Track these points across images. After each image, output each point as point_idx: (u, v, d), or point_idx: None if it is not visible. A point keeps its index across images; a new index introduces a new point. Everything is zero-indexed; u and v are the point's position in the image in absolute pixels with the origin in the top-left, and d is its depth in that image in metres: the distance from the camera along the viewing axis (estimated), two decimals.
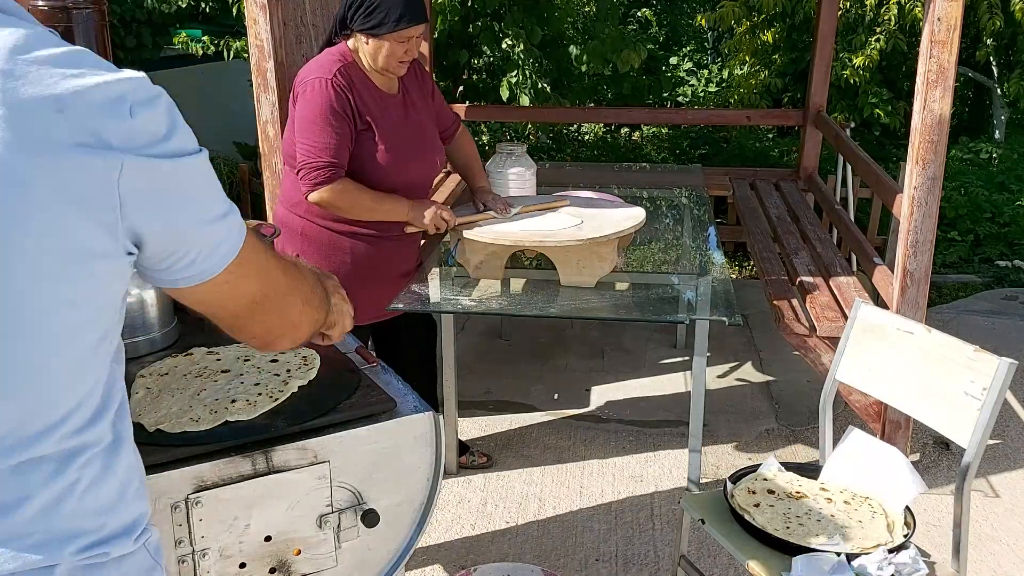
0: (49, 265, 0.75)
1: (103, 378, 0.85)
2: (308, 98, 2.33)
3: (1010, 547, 2.64)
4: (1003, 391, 1.77)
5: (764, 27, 7.01)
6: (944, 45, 2.62)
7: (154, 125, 0.79)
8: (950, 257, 5.76)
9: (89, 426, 0.83)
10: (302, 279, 1.07)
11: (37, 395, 0.78)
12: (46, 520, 0.80)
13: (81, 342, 0.81)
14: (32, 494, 0.79)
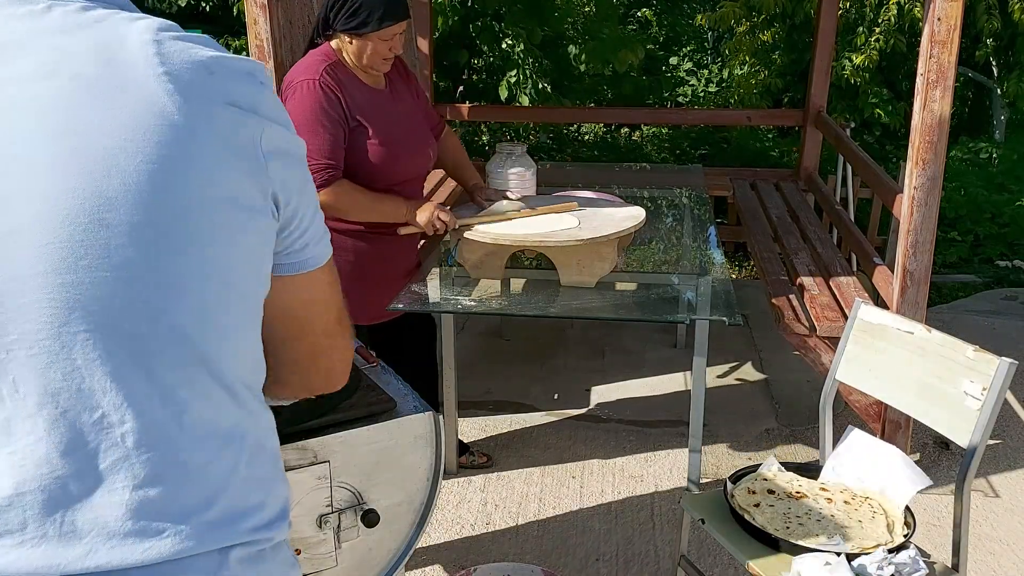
0: (219, 212, 0.76)
1: (259, 344, 0.85)
2: (297, 101, 2.32)
3: (1010, 547, 2.64)
4: (1003, 391, 1.77)
5: (764, 27, 7.01)
6: (944, 45, 2.63)
7: (277, 102, 0.84)
8: (950, 257, 5.77)
9: (250, 389, 0.82)
10: (345, 328, 0.99)
11: (220, 356, 0.78)
12: (222, 492, 0.76)
13: (250, 297, 0.82)
14: (213, 461, 0.76)
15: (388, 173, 2.45)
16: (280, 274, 0.85)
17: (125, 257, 0.71)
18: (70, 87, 0.73)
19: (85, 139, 0.71)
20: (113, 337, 0.71)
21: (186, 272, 0.73)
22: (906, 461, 1.96)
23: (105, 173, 0.71)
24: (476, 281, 2.59)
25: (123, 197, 0.71)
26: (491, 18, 6.06)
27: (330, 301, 0.93)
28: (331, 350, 0.96)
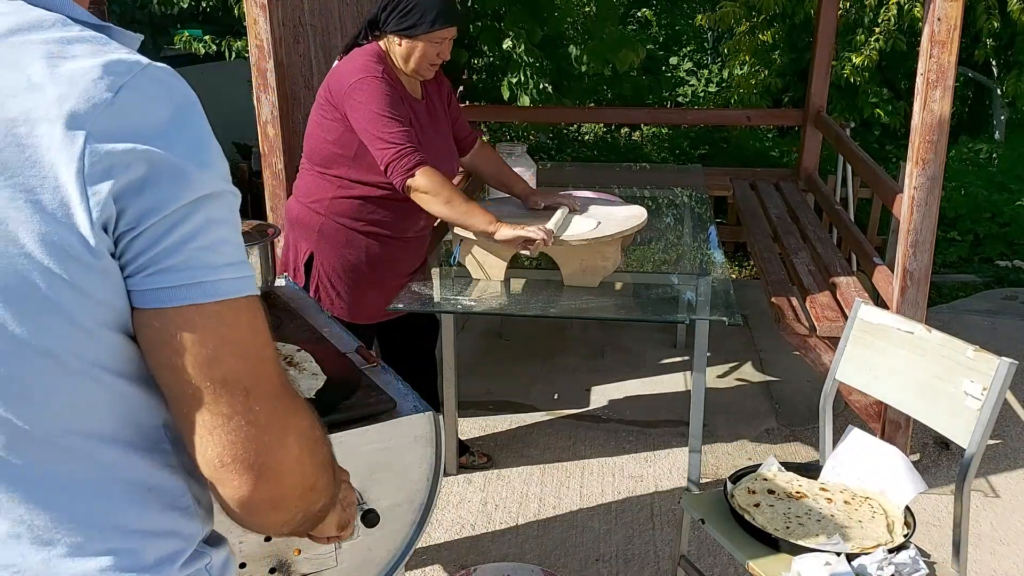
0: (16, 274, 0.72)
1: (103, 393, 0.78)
2: (367, 96, 2.29)
3: (1010, 547, 2.64)
4: (1003, 391, 1.77)
5: (764, 27, 7.01)
6: (944, 45, 2.63)
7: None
8: (950, 257, 5.77)
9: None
10: (300, 405, 0.83)
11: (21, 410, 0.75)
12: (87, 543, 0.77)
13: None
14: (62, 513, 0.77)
15: None
16: (135, 306, 0.73)
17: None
18: None
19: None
20: None
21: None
22: (906, 462, 1.96)
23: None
24: (476, 281, 2.59)
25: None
26: (491, 18, 6.06)
27: (208, 355, 0.73)
28: (217, 428, 0.75)
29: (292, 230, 2.54)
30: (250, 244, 1.86)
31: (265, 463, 0.77)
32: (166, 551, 0.79)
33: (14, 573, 0.72)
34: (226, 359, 0.74)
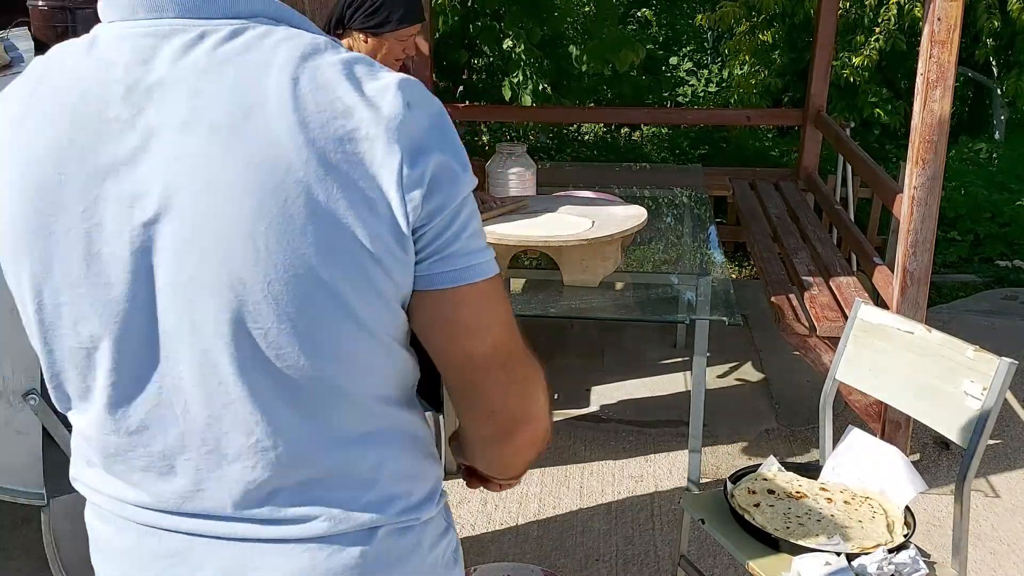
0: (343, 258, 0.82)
1: (396, 359, 0.91)
2: None
3: (1010, 547, 2.64)
4: (1003, 391, 1.77)
5: (764, 27, 7.01)
6: (944, 45, 2.62)
7: (422, 128, 0.86)
8: (950, 257, 5.76)
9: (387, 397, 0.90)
10: (536, 361, 0.93)
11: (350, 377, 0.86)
12: (372, 487, 0.87)
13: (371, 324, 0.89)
14: (361, 462, 0.87)
15: None
16: (418, 289, 0.85)
17: (262, 312, 0.79)
18: (206, 144, 0.77)
19: (219, 203, 0.77)
20: (259, 376, 0.81)
21: (313, 319, 0.80)
22: (906, 462, 1.96)
23: (242, 236, 0.77)
24: None
25: (256, 259, 0.78)
26: (491, 18, 6.06)
27: (477, 328, 0.86)
28: (490, 388, 0.88)
29: None
30: None
31: (531, 412, 0.91)
32: (427, 491, 0.92)
33: (318, 514, 0.85)
34: (494, 328, 0.87)
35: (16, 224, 0.81)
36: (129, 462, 0.86)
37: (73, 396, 0.87)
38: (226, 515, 0.85)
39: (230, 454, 0.83)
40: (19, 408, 1.18)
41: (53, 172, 0.79)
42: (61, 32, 1.69)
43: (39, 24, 1.68)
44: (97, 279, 0.80)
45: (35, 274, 0.82)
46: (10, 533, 2.63)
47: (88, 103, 0.79)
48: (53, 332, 0.84)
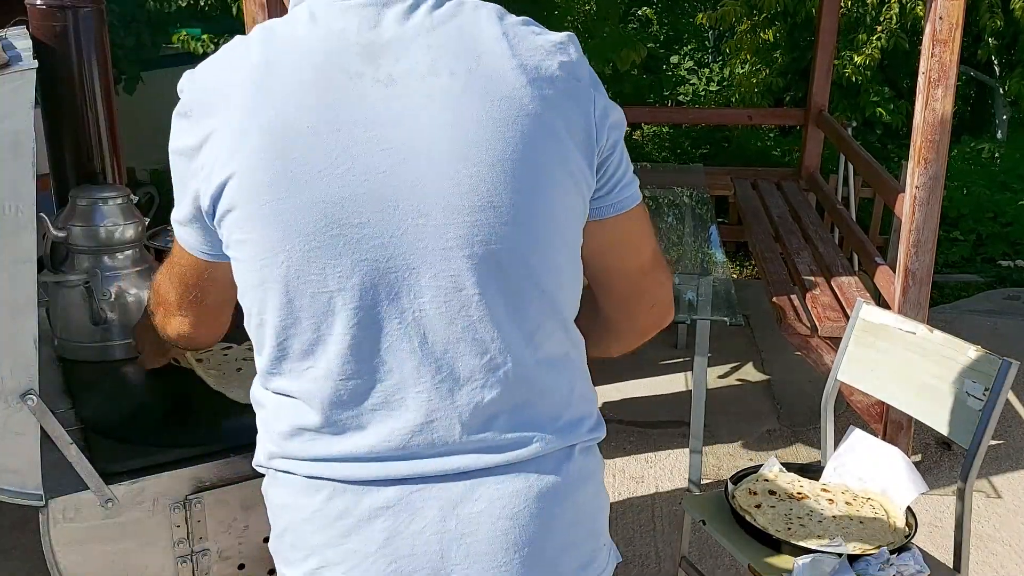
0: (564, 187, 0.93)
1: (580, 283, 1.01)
2: None
3: (1012, 548, 2.63)
4: (1005, 392, 1.76)
5: (765, 26, 6.99)
6: (946, 44, 2.62)
7: (591, 69, 0.99)
8: (952, 257, 5.75)
9: (572, 321, 0.99)
10: None
11: (560, 297, 0.95)
12: (568, 408, 0.97)
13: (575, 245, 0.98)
14: (561, 384, 0.96)
15: None
16: (592, 219, 0.97)
17: (507, 233, 0.88)
18: (449, 84, 0.87)
19: (469, 132, 0.87)
20: (497, 297, 0.89)
21: (546, 240, 0.91)
22: (907, 462, 1.95)
23: (490, 163, 0.87)
24: None
25: (504, 183, 0.87)
26: None
27: (641, 243, 1.03)
28: (651, 286, 1.07)
29: None
30: None
31: (672, 297, 1.12)
32: (598, 413, 1.03)
33: (531, 436, 0.94)
34: (650, 239, 1.05)
35: (270, 176, 0.86)
36: (360, 405, 0.90)
37: (297, 353, 0.90)
38: (452, 445, 0.91)
39: (462, 377, 0.90)
40: (17, 408, 1.17)
41: (307, 126, 0.86)
42: (60, 31, 1.68)
43: (37, 23, 1.68)
44: (349, 220, 0.86)
45: (287, 222, 0.86)
46: (8, 534, 2.62)
47: (332, 63, 0.87)
48: (298, 280, 0.87)
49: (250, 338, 0.95)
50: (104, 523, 1.23)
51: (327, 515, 0.92)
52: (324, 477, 0.92)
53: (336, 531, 0.92)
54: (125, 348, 1.62)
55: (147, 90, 6.08)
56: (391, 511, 0.90)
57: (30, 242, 1.14)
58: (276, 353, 0.91)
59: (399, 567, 0.91)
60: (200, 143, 0.89)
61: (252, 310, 0.92)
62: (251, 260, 0.89)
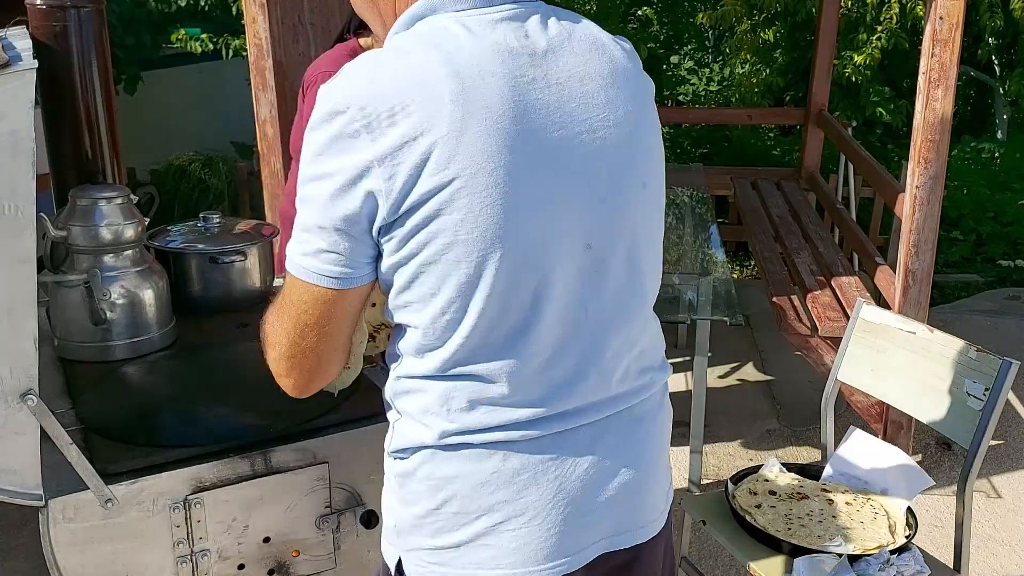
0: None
1: None
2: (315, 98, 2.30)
3: (1012, 548, 2.63)
4: (1005, 392, 1.76)
5: (765, 25, 6.99)
6: (946, 44, 2.62)
7: None
8: (952, 257, 5.75)
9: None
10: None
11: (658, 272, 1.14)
12: (661, 351, 1.17)
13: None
14: (657, 333, 1.16)
15: None
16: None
17: (650, 212, 1.07)
18: (601, 87, 1.01)
19: (626, 126, 1.02)
20: (640, 261, 1.07)
21: (661, 217, 1.11)
22: (908, 462, 1.95)
23: (643, 149, 1.04)
24: None
25: (652, 169, 1.07)
26: None
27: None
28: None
29: (283, 227, 2.55)
30: (249, 244, 1.85)
31: None
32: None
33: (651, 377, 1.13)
34: None
35: (497, 176, 0.93)
36: (549, 371, 1.01)
37: (499, 339, 0.99)
38: (601, 395, 1.05)
39: (615, 343, 1.06)
40: (17, 408, 1.17)
41: (515, 128, 0.94)
42: (59, 31, 1.68)
43: (37, 23, 1.68)
44: (560, 215, 0.98)
45: (510, 218, 0.94)
46: (8, 534, 2.62)
47: (510, 70, 0.95)
48: (517, 273, 0.96)
49: (412, 334, 1.00)
50: (104, 523, 1.23)
51: (505, 474, 1.02)
52: (500, 442, 1.01)
53: (515, 487, 1.02)
54: (125, 348, 1.62)
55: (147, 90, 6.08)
56: (557, 461, 1.03)
57: (30, 242, 1.14)
58: (471, 342, 0.98)
59: (573, 509, 1.04)
60: (388, 153, 0.91)
61: (443, 308, 0.97)
62: (455, 259, 0.94)
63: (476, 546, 1.04)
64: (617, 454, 1.08)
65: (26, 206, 1.12)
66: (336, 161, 0.93)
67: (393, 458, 1.08)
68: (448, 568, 1.05)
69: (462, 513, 1.03)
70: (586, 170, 0.99)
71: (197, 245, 1.83)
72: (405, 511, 1.07)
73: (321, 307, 0.99)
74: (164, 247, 1.82)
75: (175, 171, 6.17)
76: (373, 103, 0.92)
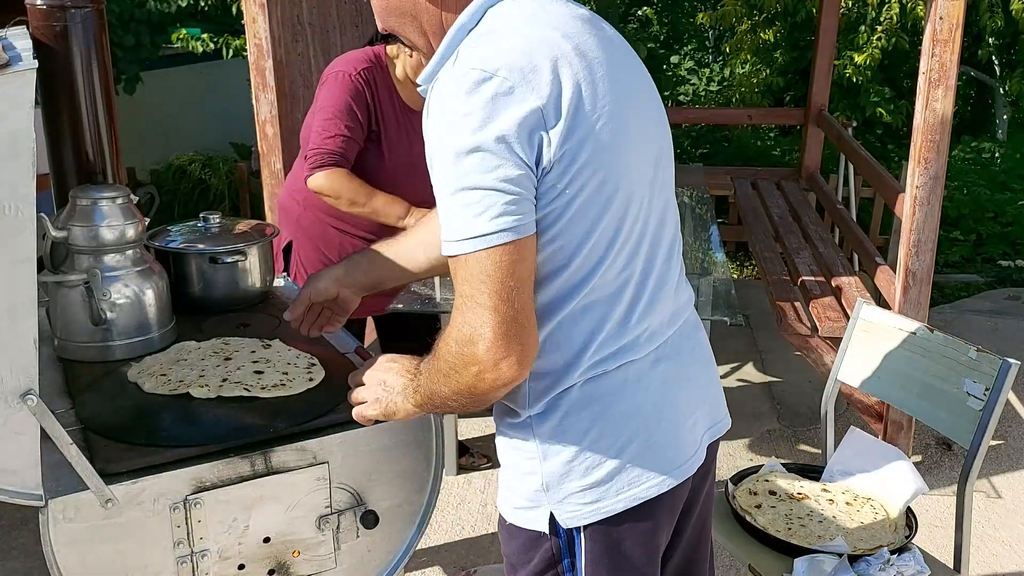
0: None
1: None
2: (329, 88, 2.30)
3: (1012, 548, 2.63)
4: (1005, 392, 1.76)
5: (765, 25, 6.99)
6: (946, 44, 2.62)
7: None
8: (952, 257, 5.75)
9: None
10: None
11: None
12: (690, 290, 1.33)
13: None
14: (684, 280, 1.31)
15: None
16: None
17: (671, 171, 1.23)
18: (625, 53, 1.17)
19: (656, 102, 1.20)
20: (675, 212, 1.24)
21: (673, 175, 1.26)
22: (908, 462, 1.95)
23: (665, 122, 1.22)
24: None
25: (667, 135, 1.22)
26: None
27: None
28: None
29: (279, 217, 2.56)
30: (249, 244, 1.85)
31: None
32: None
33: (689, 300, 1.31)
34: None
35: (623, 117, 1.09)
36: (646, 292, 1.16)
37: (623, 265, 1.13)
38: (675, 308, 1.23)
39: (672, 261, 1.22)
40: (17, 408, 1.17)
41: (622, 80, 1.11)
42: (60, 31, 1.68)
43: (37, 23, 1.68)
44: (658, 157, 1.17)
45: (635, 155, 1.11)
46: (8, 534, 2.63)
47: (583, 31, 1.11)
48: (633, 196, 1.11)
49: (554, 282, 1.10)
50: (104, 523, 1.23)
51: (637, 392, 1.16)
52: (628, 363, 1.16)
53: (647, 401, 1.17)
54: (125, 348, 1.62)
55: (147, 90, 6.09)
56: (667, 369, 1.20)
57: (30, 242, 1.14)
58: (606, 276, 1.11)
59: (687, 408, 1.22)
60: (545, 100, 1.02)
61: (593, 241, 1.09)
62: (604, 194, 1.08)
63: (625, 469, 1.15)
64: (694, 357, 1.26)
65: (26, 206, 1.12)
66: (501, 120, 1.00)
67: (525, 423, 1.16)
68: (602, 501, 1.15)
69: (609, 442, 1.14)
70: (653, 98, 1.18)
71: (197, 245, 1.83)
72: (551, 464, 1.15)
73: (513, 265, 1.03)
74: (164, 247, 1.82)
75: (175, 171, 6.17)
76: (516, 61, 1.02)
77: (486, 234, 1.01)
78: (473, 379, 1.05)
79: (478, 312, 1.03)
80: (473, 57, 1.03)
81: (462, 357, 1.05)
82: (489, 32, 1.07)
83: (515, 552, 1.23)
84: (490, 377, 1.04)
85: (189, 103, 6.79)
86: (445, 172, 1.02)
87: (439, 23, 1.13)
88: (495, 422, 1.24)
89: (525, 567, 1.22)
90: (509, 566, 1.26)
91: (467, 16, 1.09)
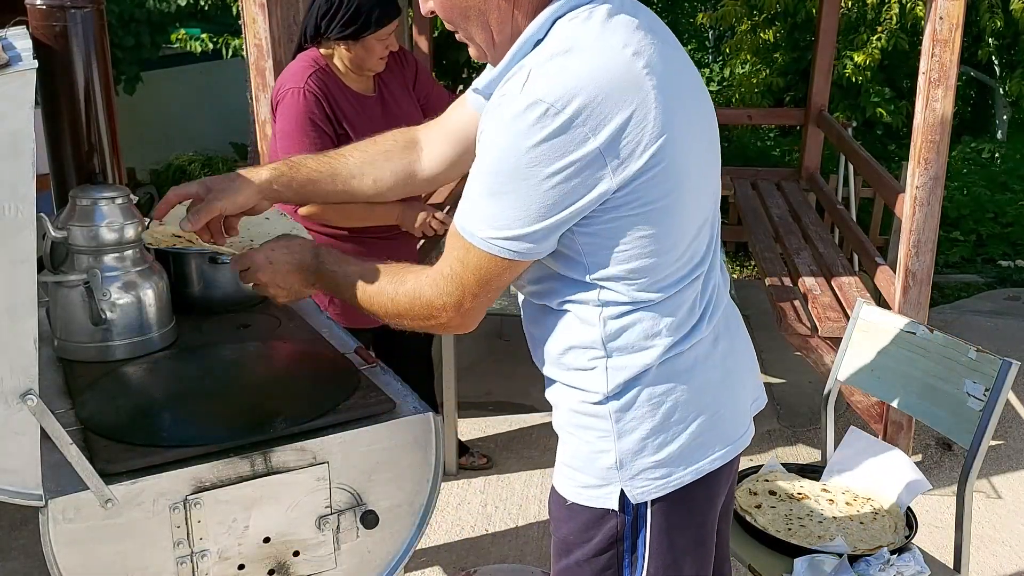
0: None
1: None
2: (284, 109, 2.28)
3: (1012, 548, 2.63)
4: (1005, 392, 1.76)
5: (765, 26, 6.99)
6: (946, 44, 2.62)
7: None
8: (952, 257, 5.75)
9: None
10: None
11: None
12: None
13: None
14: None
15: None
16: None
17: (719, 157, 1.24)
18: (685, 61, 1.18)
19: (702, 93, 1.20)
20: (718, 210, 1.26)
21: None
22: (907, 462, 1.95)
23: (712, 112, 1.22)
24: None
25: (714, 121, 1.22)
26: None
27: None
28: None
29: None
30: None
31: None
32: None
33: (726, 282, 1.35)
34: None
35: (692, 135, 1.14)
36: (711, 274, 1.24)
37: (706, 267, 1.21)
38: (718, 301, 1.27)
39: (720, 260, 1.29)
40: (17, 408, 1.17)
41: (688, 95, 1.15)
42: (59, 31, 1.68)
43: (37, 23, 1.68)
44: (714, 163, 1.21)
45: (701, 170, 1.16)
46: (8, 534, 2.63)
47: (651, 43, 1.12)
48: (698, 198, 1.17)
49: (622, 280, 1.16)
50: (104, 523, 1.23)
51: (705, 370, 1.23)
52: (700, 341, 1.22)
53: (713, 378, 1.23)
54: (125, 348, 1.62)
55: (147, 90, 6.09)
56: (724, 347, 1.26)
57: (30, 242, 1.14)
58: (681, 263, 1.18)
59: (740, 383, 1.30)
60: (611, 138, 1.04)
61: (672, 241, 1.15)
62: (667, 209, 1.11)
63: (695, 444, 1.21)
64: (740, 333, 1.33)
65: (26, 206, 1.12)
66: (562, 159, 1.03)
67: (602, 403, 1.20)
68: (673, 476, 1.20)
69: (681, 417, 1.20)
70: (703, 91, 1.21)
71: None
72: (625, 442, 1.19)
73: (505, 273, 1.15)
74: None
75: (175, 171, 6.18)
76: (584, 96, 1.02)
77: (499, 245, 1.10)
78: (420, 322, 1.23)
79: (459, 291, 1.16)
80: (541, 86, 1.04)
81: (425, 309, 1.21)
82: (560, 53, 1.07)
83: (575, 531, 1.25)
84: (432, 327, 1.22)
85: (189, 103, 6.80)
86: (490, 177, 1.09)
87: (509, 20, 1.14)
88: (554, 403, 1.28)
89: (583, 546, 1.24)
90: (562, 548, 1.28)
91: (535, 27, 1.11)
